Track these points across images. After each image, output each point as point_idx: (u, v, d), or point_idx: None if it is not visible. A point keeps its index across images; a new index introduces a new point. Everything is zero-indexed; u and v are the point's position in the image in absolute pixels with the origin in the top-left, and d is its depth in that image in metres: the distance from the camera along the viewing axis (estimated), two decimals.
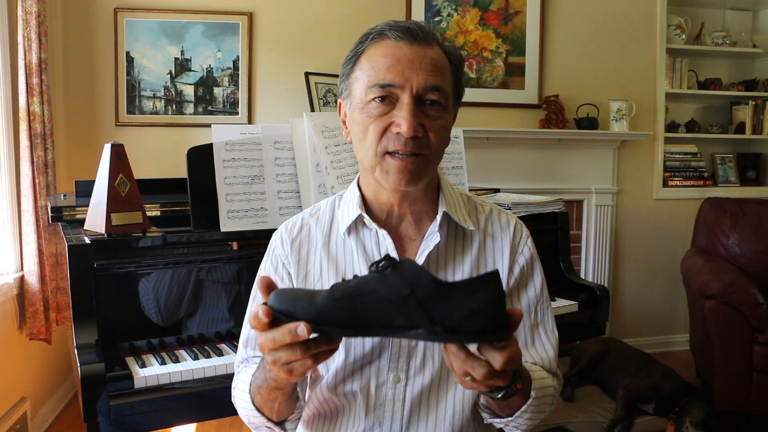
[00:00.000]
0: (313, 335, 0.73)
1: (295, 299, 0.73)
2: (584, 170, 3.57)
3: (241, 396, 0.98)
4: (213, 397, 1.45)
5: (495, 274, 0.72)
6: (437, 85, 0.93)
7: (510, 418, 0.92)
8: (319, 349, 0.75)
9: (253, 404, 0.95)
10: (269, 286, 0.76)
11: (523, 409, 0.90)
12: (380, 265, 0.73)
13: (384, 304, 0.71)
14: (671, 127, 3.79)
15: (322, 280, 1.03)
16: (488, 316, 0.71)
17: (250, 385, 0.95)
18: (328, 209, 1.09)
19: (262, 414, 0.95)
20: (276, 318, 0.73)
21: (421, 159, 0.95)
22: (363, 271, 1.01)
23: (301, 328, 0.71)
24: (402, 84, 0.92)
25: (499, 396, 0.81)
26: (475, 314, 0.70)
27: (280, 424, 0.97)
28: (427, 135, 0.94)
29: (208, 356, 1.53)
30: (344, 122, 1.03)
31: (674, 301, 3.82)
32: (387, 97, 0.93)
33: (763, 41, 3.74)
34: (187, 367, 1.48)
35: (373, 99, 0.93)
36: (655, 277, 3.80)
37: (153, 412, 1.42)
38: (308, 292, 0.75)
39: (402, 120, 0.91)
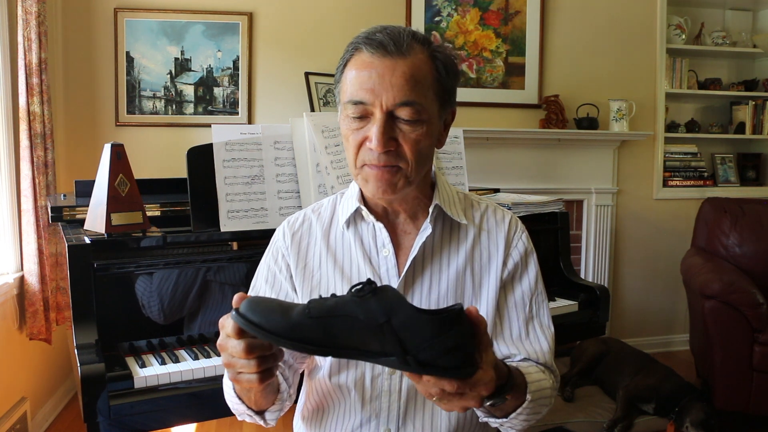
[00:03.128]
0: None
1: (269, 311, 0.72)
2: (584, 170, 3.57)
3: (225, 381, 1.00)
4: (213, 397, 1.45)
5: (463, 310, 0.73)
6: (408, 100, 0.92)
7: (505, 419, 0.92)
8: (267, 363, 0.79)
9: (234, 390, 0.97)
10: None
11: (518, 411, 0.91)
12: (360, 289, 0.73)
13: (359, 329, 0.71)
14: (671, 127, 3.79)
15: (321, 271, 1.06)
16: (461, 354, 0.71)
17: None
18: (329, 205, 1.13)
19: (242, 401, 0.97)
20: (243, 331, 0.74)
21: (396, 169, 0.96)
22: (360, 262, 1.04)
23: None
24: (372, 101, 0.93)
25: (489, 404, 0.82)
26: (449, 351, 0.71)
27: (260, 414, 0.99)
28: (401, 147, 0.95)
29: (208, 356, 1.53)
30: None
31: (674, 301, 3.82)
32: (363, 112, 0.95)
33: (763, 41, 3.73)
34: (187, 367, 1.48)
35: (350, 114, 0.96)
36: (655, 277, 3.80)
37: (153, 412, 1.42)
38: (283, 305, 0.73)
39: (372, 136, 0.93)
